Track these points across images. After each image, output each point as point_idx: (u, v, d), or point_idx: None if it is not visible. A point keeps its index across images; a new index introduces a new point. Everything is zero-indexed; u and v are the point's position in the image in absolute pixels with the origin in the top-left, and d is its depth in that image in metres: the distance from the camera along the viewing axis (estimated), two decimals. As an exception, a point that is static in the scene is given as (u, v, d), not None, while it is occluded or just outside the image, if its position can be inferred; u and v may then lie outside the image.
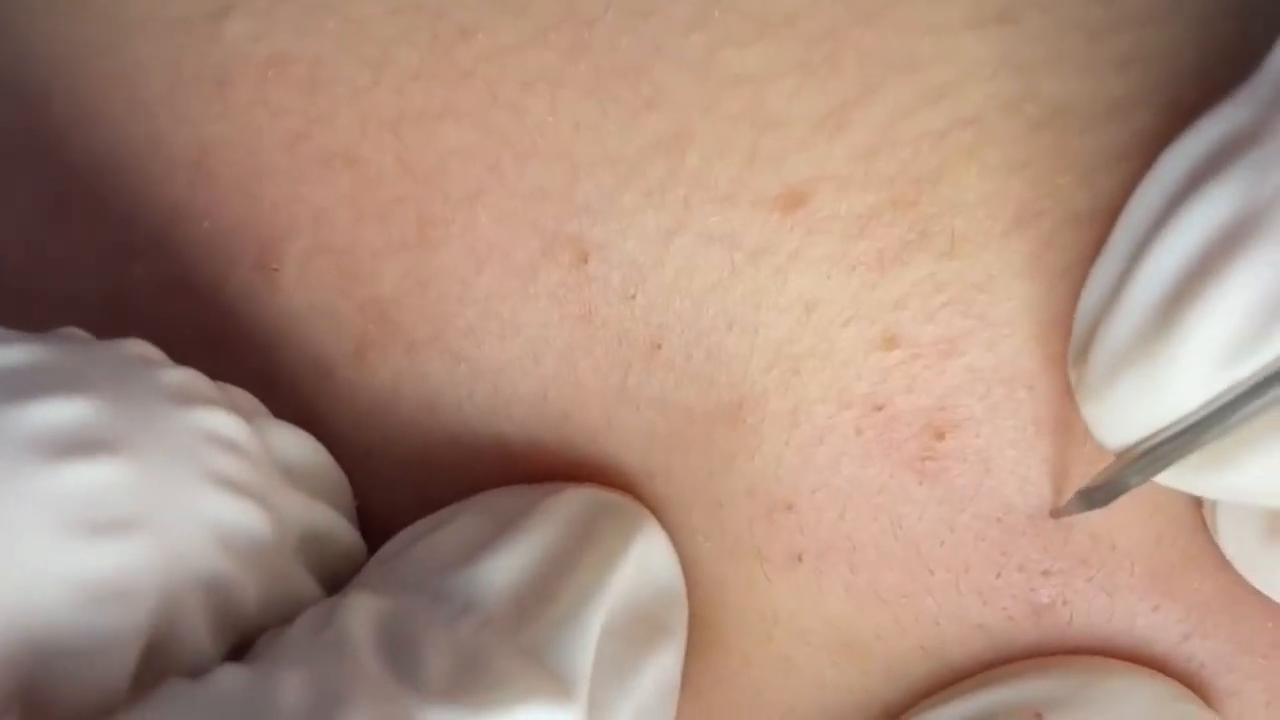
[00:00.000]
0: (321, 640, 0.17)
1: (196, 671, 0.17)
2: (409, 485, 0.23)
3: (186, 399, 0.18)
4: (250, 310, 0.22)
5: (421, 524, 0.22)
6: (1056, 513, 0.21)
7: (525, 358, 0.22)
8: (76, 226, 0.22)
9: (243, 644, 0.19)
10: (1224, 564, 0.21)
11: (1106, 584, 0.22)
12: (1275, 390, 0.16)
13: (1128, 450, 0.19)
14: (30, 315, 0.19)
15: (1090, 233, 0.20)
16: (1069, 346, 0.19)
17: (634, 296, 0.22)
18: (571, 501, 0.21)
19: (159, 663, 0.17)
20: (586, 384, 0.22)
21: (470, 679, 0.17)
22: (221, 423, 0.18)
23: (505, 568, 0.19)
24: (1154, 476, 0.18)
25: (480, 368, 0.22)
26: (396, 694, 0.17)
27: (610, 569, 0.20)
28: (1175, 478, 0.18)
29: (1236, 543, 0.20)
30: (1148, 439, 0.18)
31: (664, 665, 0.21)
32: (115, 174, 0.22)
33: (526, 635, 0.19)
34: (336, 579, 0.21)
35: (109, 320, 0.19)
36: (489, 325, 0.22)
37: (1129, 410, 0.18)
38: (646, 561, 0.21)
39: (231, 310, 0.22)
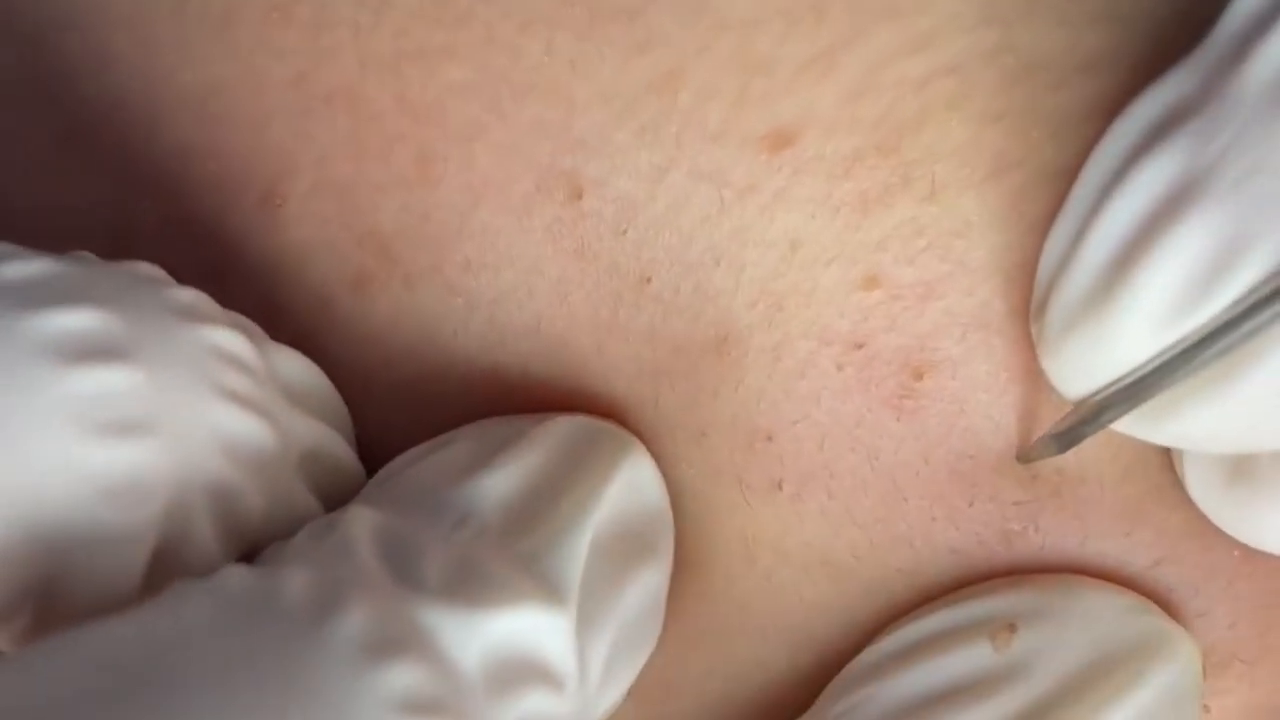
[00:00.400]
0: (324, 546, 0.18)
1: (204, 574, 0.18)
2: (406, 413, 0.24)
3: (194, 316, 0.19)
4: (254, 244, 0.23)
5: (418, 449, 0.22)
6: (1021, 457, 0.22)
7: (519, 290, 0.23)
8: (87, 164, 0.23)
9: (247, 555, 0.19)
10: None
11: (1078, 512, 0.23)
12: (1214, 347, 0.17)
13: (1084, 400, 0.20)
14: (40, 249, 0.19)
15: (1061, 187, 0.21)
16: (1031, 301, 0.20)
17: (625, 231, 0.22)
18: (562, 426, 0.22)
19: (168, 564, 0.18)
20: (578, 316, 0.23)
21: (466, 582, 0.18)
22: (227, 340, 0.19)
23: (499, 485, 0.20)
24: (1108, 425, 0.19)
25: (476, 299, 0.23)
26: (396, 592, 0.17)
27: (599, 487, 0.21)
28: (1130, 426, 0.19)
29: (1200, 487, 0.21)
30: (1100, 391, 0.19)
31: (650, 582, 0.22)
32: (124, 114, 0.23)
33: (520, 546, 0.20)
34: (335, 499, 0.22)
35: (117, 255, 0.19)
36: (485, 258, 0.23)
37: (1082, 364, 0.19)
38: (634, 484, 0.22)
39: (236, 244, 0.23)
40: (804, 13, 0.21)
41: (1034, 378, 0.22)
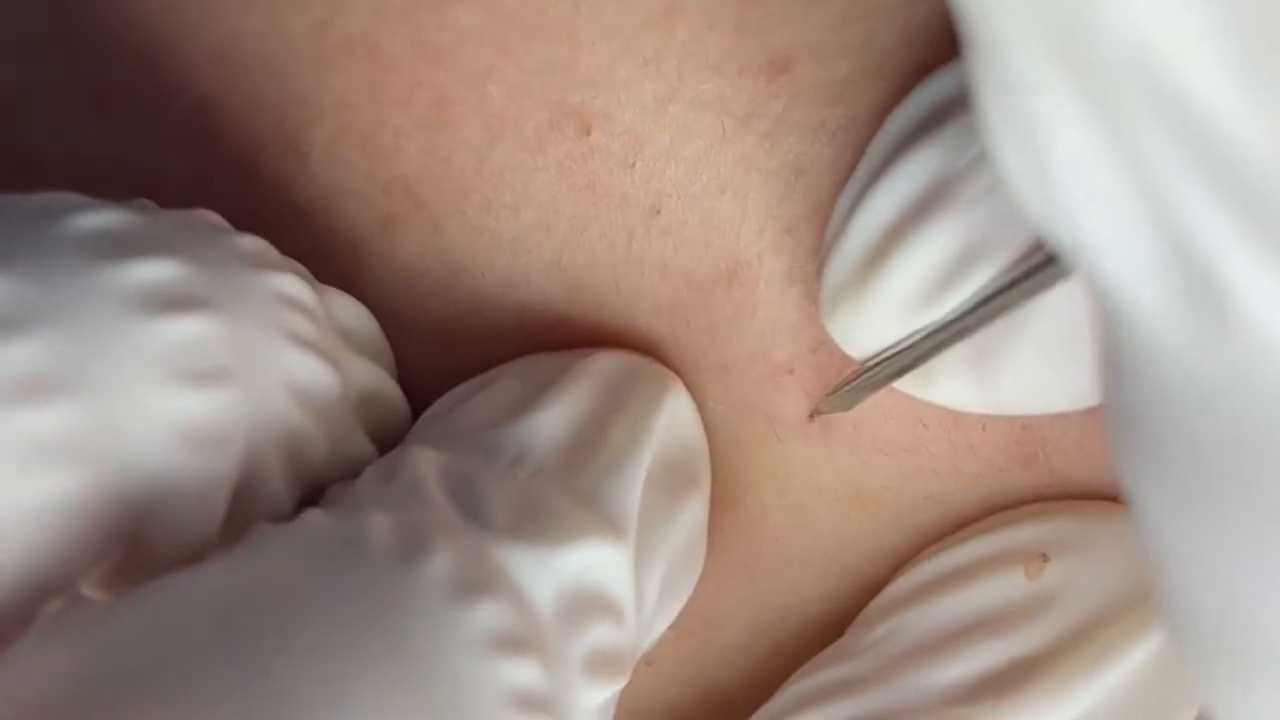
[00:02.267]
0: (395, 487, 0.19)
1: (274, 518, 0.19)
2: (438, 353, 0.24)
3: (259, 262, 0.19)
4: (283, 192, 0.24)
5: (464, 387, 0.23)
6: (813, 411, 0.23)
7: (538, 228, 0.23)
8: (113, 120, 0.24)
9: (307, 496, 0.20)
10: None
11: (1080, 437, 0.22)
12: (955, 329, 0.20)
13: (863, 363, 0.21)
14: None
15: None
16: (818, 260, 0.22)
17: (634, 165, 0.22)
18: (604, 362, 0.22)
19: (244, 508, 0.18)
20: (595, 251, 0.23)
21: (531, 519, 0.19)
22: (290, 285, 0.20)
23: (551, 422, 0.21)
24: (880, 388, 0.21)
25: (498, 238, 0.23)
26: (471, 532, 0.18)
27: (648, 421, 0.22)
28: (909, 387, 0.21)
29: None
30: (873, 357, 0.21)
31: (694, 513, 0.22)
32: (148, 69, 0.23)
33: (578, 481, 0.20)
34: (387, 439, 0.22)
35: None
36: (503, 197, 0.23)
37: (849, 333, 0.21)
38: (675, 417, 0.23)
39: (264, 194, 0.24)
40: None
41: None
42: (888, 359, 0.21)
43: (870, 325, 0.21)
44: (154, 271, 0.17)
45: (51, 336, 0.16)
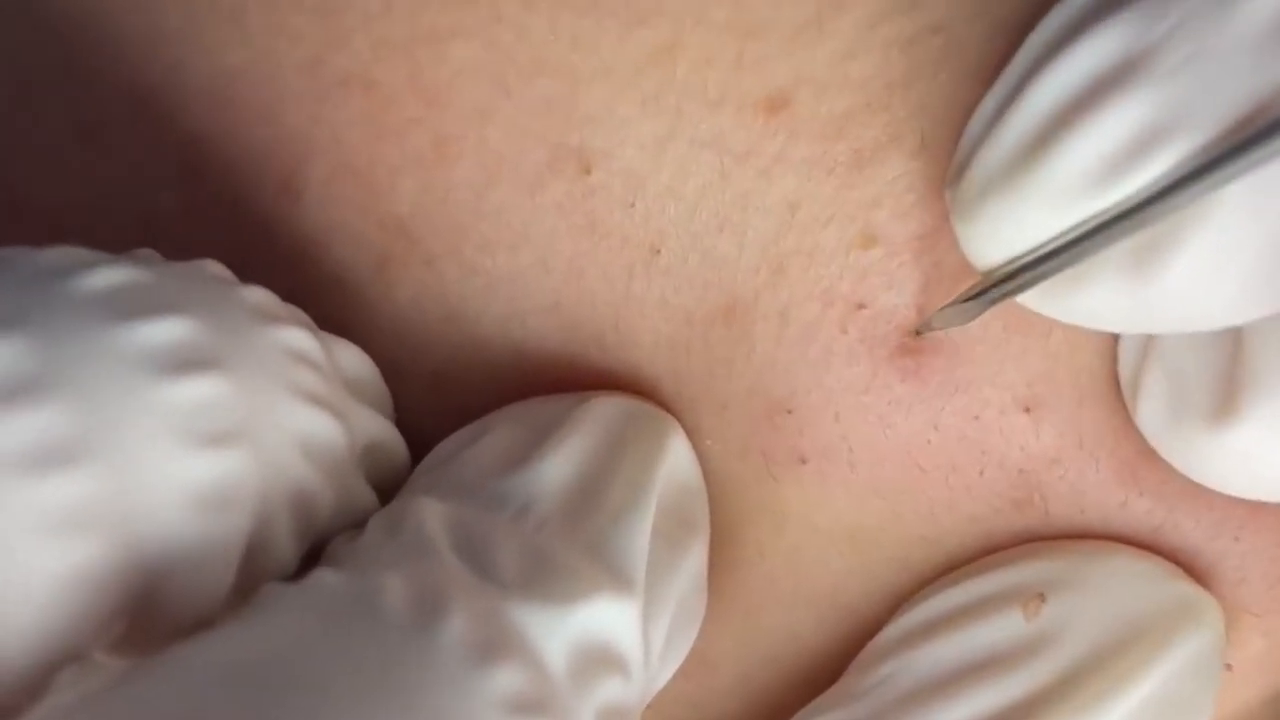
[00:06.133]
0: (402, 543, 0.19)
1: (281, 576, 0.18)
2: (432, 395, 0.24)
3: (266, 317, 0.19)
4: (275, 231, 0.23)
5: (461, 433, 0.23)
6: (921, 327, 0.22)
7: (536, 267, 0.23)
8: (103, 158, 0.23)
9: (312, 549, 0.20)
10: None
11: (1077, 482, 0.23)
12: (1121, 227, 0.17)
13: (993, 270, 0.19)
14: (66, 242, 0.20)
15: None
16: (950, 164, 0.20)
17: (633, 204, 0.22)
18: (604, 407, 0.22)
19: (253, 569, 0.18)
20: (595, 291, 0.23)
21: (540, 575, 0.18)
22: (297, 339, 0.19)
23: (553, 472, 0.21)
24: (1014, 297, 0.19)
25: (495, 279, 0.23)
26: (483, 591, 0.18)
27: (652, 469, 0.21)
28: (1038, 301, 0.19)
29: (1151, 426, 0.21)
30: (1011, 261, 0.19)
31: (697, 561, 0.22)
32: (139, 105, 0.23)
33: (584, 533, 0.20)
34: (388, 486, 0.22)
35: (140, 246, 0.20)
36: (501, 237, 0.23)
37: (994, 233, 0.19)
38: (676, 462, 0.23)
39: (257, 231, 0.23)
40: None
41: (1030, 326, 0.22)
42: (1035, 260, 0.19)
43: (1025, 217, 0.18)
44: (166, 331, 0.17)
45: (66, 403, 0.16)
